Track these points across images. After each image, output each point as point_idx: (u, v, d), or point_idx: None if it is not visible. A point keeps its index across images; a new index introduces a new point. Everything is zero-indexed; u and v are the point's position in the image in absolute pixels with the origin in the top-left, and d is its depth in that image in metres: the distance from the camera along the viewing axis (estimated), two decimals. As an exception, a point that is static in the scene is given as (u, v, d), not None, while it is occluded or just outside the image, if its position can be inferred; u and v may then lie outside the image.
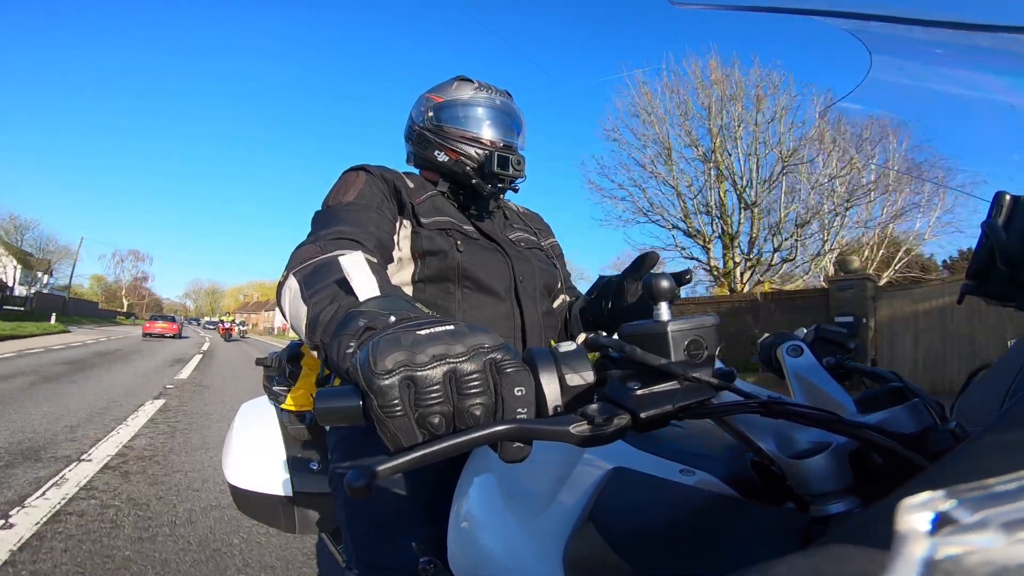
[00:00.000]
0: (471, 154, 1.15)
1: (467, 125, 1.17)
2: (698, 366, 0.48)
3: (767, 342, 0.78)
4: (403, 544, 0.82)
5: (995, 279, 0.48)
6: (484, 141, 1.16)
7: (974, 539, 0.16)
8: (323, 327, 0.65)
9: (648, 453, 0.66)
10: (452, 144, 1.16)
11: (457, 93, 1.20)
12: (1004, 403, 0.49)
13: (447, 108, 1.19)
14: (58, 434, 4.48)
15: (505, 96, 1.23)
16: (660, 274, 0.53)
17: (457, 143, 1.16)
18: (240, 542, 2.59)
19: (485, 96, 1.20)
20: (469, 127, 1.17)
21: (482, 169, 1.14)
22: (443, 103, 1.20)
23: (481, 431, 0.41)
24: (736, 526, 0.50)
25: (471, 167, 1.15)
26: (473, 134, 1.17)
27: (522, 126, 1.24)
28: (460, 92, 1.20)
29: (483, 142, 1.16)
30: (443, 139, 1.17)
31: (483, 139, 1.16)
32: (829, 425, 0.47)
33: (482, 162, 1.13)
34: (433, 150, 1.19)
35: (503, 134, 1.19)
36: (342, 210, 1.01)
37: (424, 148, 1.21)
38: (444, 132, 1.18)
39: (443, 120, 1.19)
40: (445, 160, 1.17)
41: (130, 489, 3.28)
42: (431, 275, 1.08)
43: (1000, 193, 0.48)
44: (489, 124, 1.18)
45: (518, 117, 1.23)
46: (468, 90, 1.20)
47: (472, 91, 1.20)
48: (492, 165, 1.12)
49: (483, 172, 1.14)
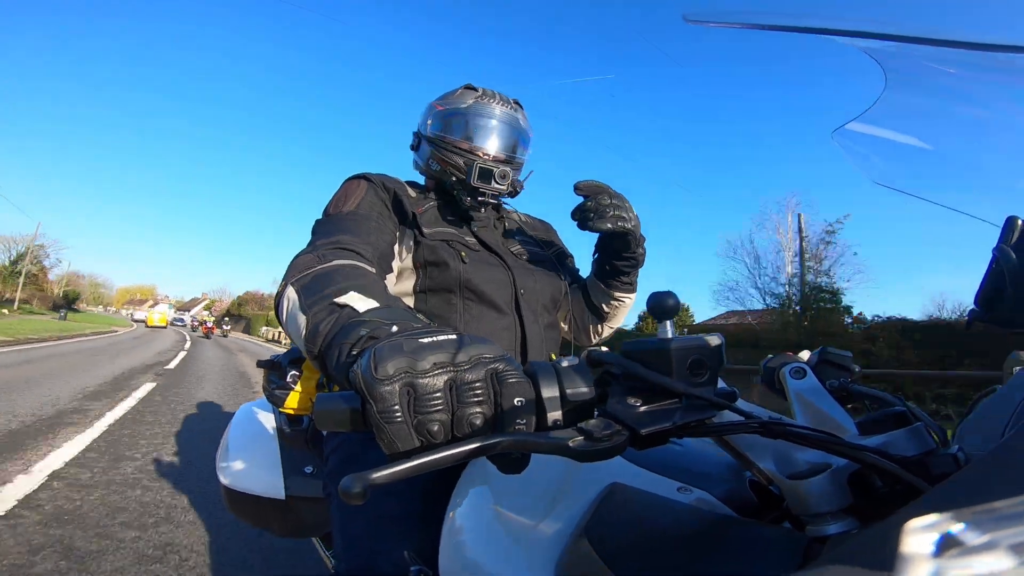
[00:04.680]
0: (459, 164, 1.14)
1: (458, 134, 1.16)
2: (700, 385, 0.48)
3: (771, 364, 0.78)
4: (395, 552, 0.81)
5: (1005, 304, 0.48)
6: (472, 151, 1.15)
7: (980, 561, 0.15)
8: (323, 337, 0.64)
9: (646, 470, 0.66)
10: (444, 153, 1.16)
11: (458, 101, 1.18)
12: (1007, 429, 0.49)
13: (445, 116, 1.18)
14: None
15: (509, 106, 1.20)
16: (664, 292, 0.53)
17: (448, 152, 1.15)
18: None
19: (484, 105, 1.17)
20: (460, 136, 1.16)
21: (465, 181, 1.12)
22: (443, 111, 1.19)
23: (479, 442, 0.41)
24: (733, 545, 0.49)
25: (457, 177, 1.14)
26: (463, 144, 1.15)
27: (522, 139, 1.21)
28: (460, 100, 1.18)
29: (471, 153, 1.14)
30: (438, 148, 1.17)
31: (471, 149, 1.15)
32: (829, 446, 0.46)
33: (466, 173, 1.12)
34: (429, 158, 1.19)
35: (495, 146, 1.16)
36: (342, 219, 1.01)
37: (423, 156, 1.22)
38: (439, 141, 1.17)
39: (440, 128, 1.18)
40: (437, 169, 1.17)
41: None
42: (433, 286, 1.08)
43: (1012, 217, 0.48)
44: (481, 134, 1.16)
45: (519, 128, 1.20)
46: (469, 98, 1.18)
47: (473, 99, 1.18)
48: (472, 177, 1.11)
49: (464, 184, 1.13)
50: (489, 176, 1.11)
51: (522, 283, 1.13)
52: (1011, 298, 0.47)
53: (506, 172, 1.13)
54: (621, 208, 1.08)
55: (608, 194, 1.08)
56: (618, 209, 1.07)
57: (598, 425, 0.44)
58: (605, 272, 1.23)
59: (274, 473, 1.36)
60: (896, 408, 0.58)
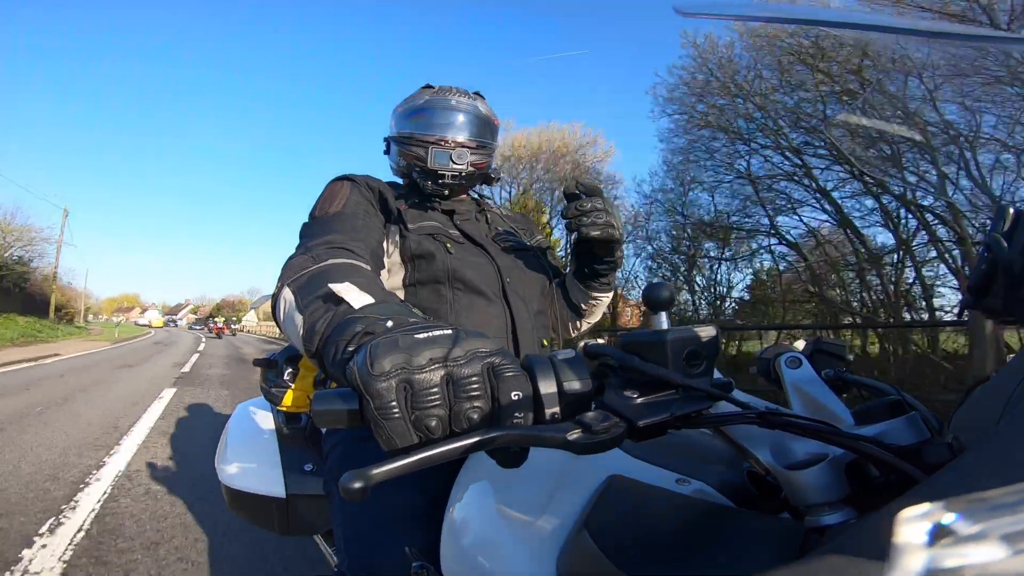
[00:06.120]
0: (419, 154, 1.18)
1: (415, 128, 1.21)
2: (696, 376, 0.48)
3: (767, 354, 0.78)
4: (396, 548, 0.81)
5: (996, 294, 0.48)
6: (428, 140, 1.19)
7: (972, 551, 0.16)
8: (319, 335, 0.64)
9: (644, 462, 0.66)
10: (405, 148, 1.21)
11: (416, 99, 1.25)
12: (1002, 417, 0.49)
13: (406, 115, 1.24)
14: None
15: (465, 96, 1.25)
16: (659, 284, 0.53)
17: (411, 146, 1.20)
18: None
19: (440, 98, 1.23)
20: (417, 129, 1.21)
21: (424, 167, 1.17)
22: (403, 111, 1.25)
23: (477, 436, 0.41)
24: (731, 536, 0.49)
25: (418, 168, 1.19)
26: (426, 136, 1.20)
27: (483, 124, 1.25)
28: (418, 98, 1.25)
29: (427, 141, 1.19)
30: (401, 144, 1.22)
31: (433, 139, 1.19)
32: (825, 436, 0.47)
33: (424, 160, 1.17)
34: (396, 157, 1.25)
35: (453, 132, 1.20)
36: (330, 219, 1.02)
37: (393, 158, 1.27)
38: (402, 138, 1.23)
39: (401, 127, 1.24)
40: (403, 164, 1.23)
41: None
42: (421, 278, 1.10)
43: (1004, 206, 0.48)
44: (437, 124, 1.20)
45: (479, 115, 1.25)
46: (425, 95, 1.24)
47: (429, 95, 1.24)
48: (428, 161, 1.16)
49: (424, 170, 1.18)
50: (446, 157, 1.16)
51: (507, 272, 1.16)
52: (1001, 287, 0.47)
53: (463, 153, 1.18)
54: (611, 215, 1.10)
55: (603, 199, 1.09)
56: (609, 215, 1.09)
57: (596, 418, 0.44)
58: (584, 273, 1.26)
59: (274, 472, 1.36)
60: (891, 397, 0.58)
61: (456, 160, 1.17)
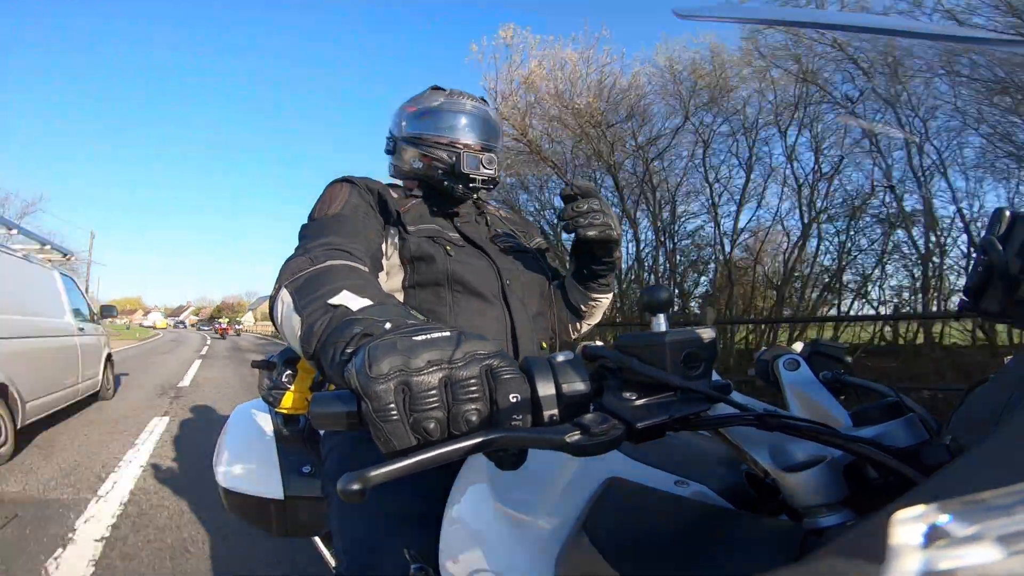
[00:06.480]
0: (443, 157, 1.18)
1: (438, 130, 1.21)
2: (695, 378, 0.48)
3: (765, 356, 0.78)
4: (395, 550, 0.81)
5: (992, 296, 0.48)
6: (455, 143, 1.19)
7: (968, 552, 0.16)
8: (317, 337, 0.64)
9: (643, 464, 0.66)
10: (425, 149, 1.20)
11: (428, 100, 1.24)
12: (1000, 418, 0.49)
13: (420, 116, 1.23)
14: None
15: (478, 102, 1.27)
16: (657, 287, 0.53)
17: (430, 148, 1.19)
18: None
19: (456, 102, 1.23)
20: (440, 132, 1.20)
21: (453, 171, 1.17)
22: (416, 111, 1.24)
23: (476, 438, 0.41)
24: (730, 538, 0.49)
25: (443, 170, 1.18)
26: (445, 138, 1.20)
27: (497, 130, 1.27)
28: (431, 99, 1.24)
29: (455, 145, 1.19)
30: (417, 146, 1.21)
31: (454, 142, 1.19)
32: (824, 438, 0.47)
33: (453, 164, 1.17)
34: (409, 158, 1.23)
35: (474, 136, 1.21)
36: (329, 221, 1.02)
37: (401, 158, 1.26)
38: (418, 139, 1.22)
39: (417, 128, 1.23)
40: (420, 166, 1.21)
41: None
42: (421, 280, 1.10)
43: (999, 209, 0.48)
44: (459, 128, 1.21)
45: (491, 121, 1.26)
46: (440, 97, 1.24)
47: (443, 98, 1.24)
48: (461, 165, 1.15)
49: (454, 173, 1.17)
50: (476, 162, 1.16)
51: (507, 274, 1.16)
52: (997, 290, 0.47)
53: (492, 157, 1.18)
54: (608, 216, 1.10)
55: (599, 200, 1.10)
56: (606, 216, 1.10)
57: (594, 420, 0.44)
58: (583, 275, 1.26)
59: (272, 473, 1.36)
60: (889, 399, 0.58)
61: (486, 165, 1.17)
